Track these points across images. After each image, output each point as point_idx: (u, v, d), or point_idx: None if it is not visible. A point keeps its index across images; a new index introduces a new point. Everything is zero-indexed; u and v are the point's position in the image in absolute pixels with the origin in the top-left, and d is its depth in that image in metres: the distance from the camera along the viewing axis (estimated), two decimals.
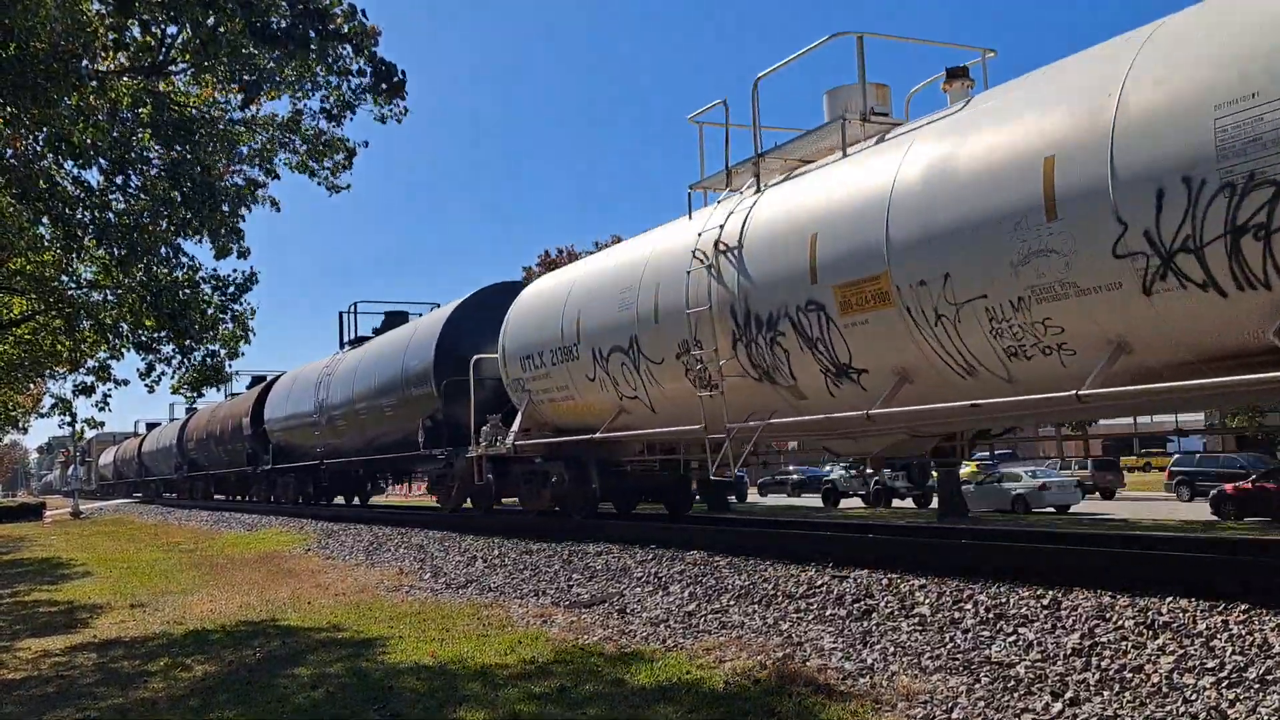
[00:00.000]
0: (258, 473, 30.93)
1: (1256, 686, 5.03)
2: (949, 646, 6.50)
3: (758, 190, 10.45)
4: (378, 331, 24.44)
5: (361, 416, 21.56)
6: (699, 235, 10.77)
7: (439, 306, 22.23)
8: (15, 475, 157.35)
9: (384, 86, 9.84)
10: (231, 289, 15.48)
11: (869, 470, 24.87)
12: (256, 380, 37.33)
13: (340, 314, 26.26)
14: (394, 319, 24.34)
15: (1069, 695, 5.36)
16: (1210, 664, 5.37)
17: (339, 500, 28.95)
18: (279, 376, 31.00)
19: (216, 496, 40.63)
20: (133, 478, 58.08)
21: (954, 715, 5.32)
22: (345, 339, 26.08)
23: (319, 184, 14.24)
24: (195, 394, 17.44)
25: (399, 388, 19.36)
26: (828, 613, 7.82)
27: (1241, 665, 5.26)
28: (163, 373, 16.13)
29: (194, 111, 13.06)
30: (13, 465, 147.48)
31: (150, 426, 57.53)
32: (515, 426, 14.88)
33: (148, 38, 11.04)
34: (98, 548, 22.18)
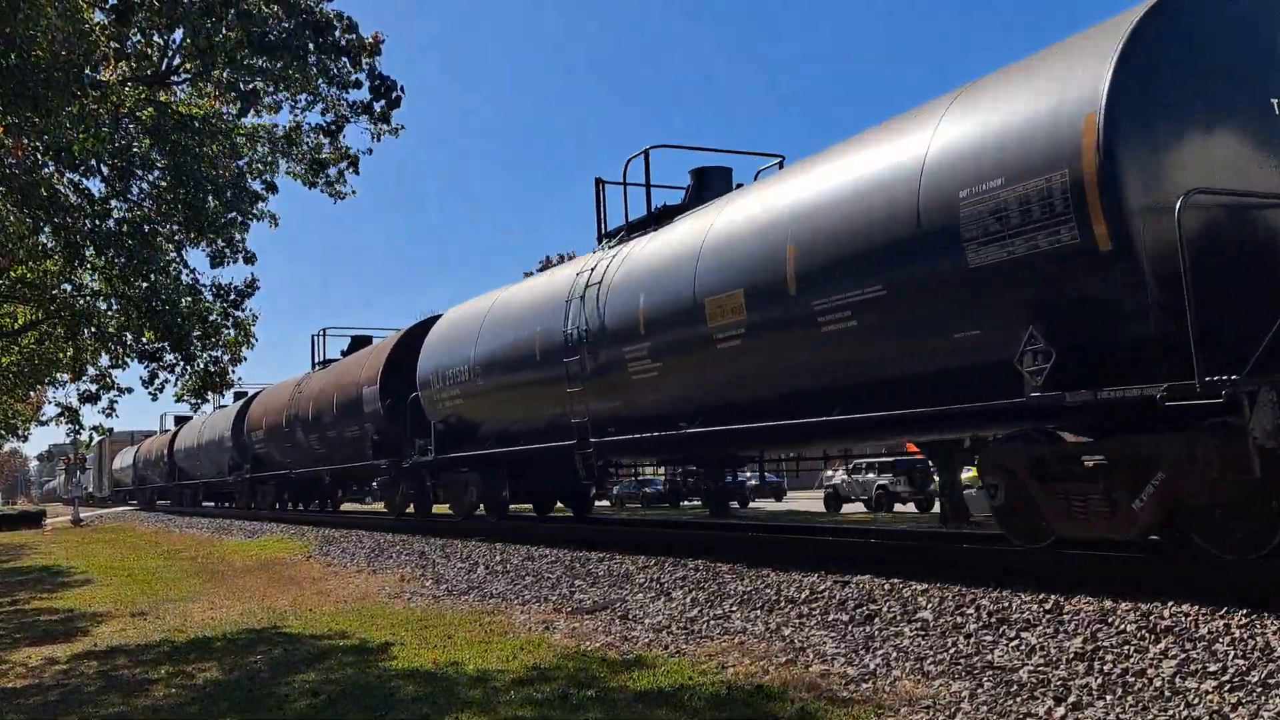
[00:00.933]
0: (405, 468, 19.40)
1: (1259, 690, 5.03)
2: (951, 651, 6.50)
3: None
4: (663, 212, 13.38)
5: (720, 344, 10.48)
6: None
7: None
8: (15, 483, 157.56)
9: (382, 102, 9.87)
10: (233, 296, 15.49)
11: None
12: (358, 342, 26.27)
13: (599, 184, 14.61)
14: (713, 178, 13.37)
15: (1072, 699, 5.35)
16: (1212, 668, 5.37)
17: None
18: (431, 320, 19.85)
19: (300, 506, 30.89)
20: (160, 482, 49.21)
21: None
22: (607, 229, 14.54)
23: (321, 192, 14.24)
24: (199, 401, 17.40)
25: (907, 256, 8.29)
26: (830, 618, 7.82)
27: (1244, 669, 5.26)
28: (165, 380, 16.15)
29: (195, 122, 13.10)
30: (13, 473, 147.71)
31: (181, 421, 47.20)
32: None
33: (148, 48, 11.09)
34: (98, 555, 22.15)
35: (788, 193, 10.23)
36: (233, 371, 16.75)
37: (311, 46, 9.17)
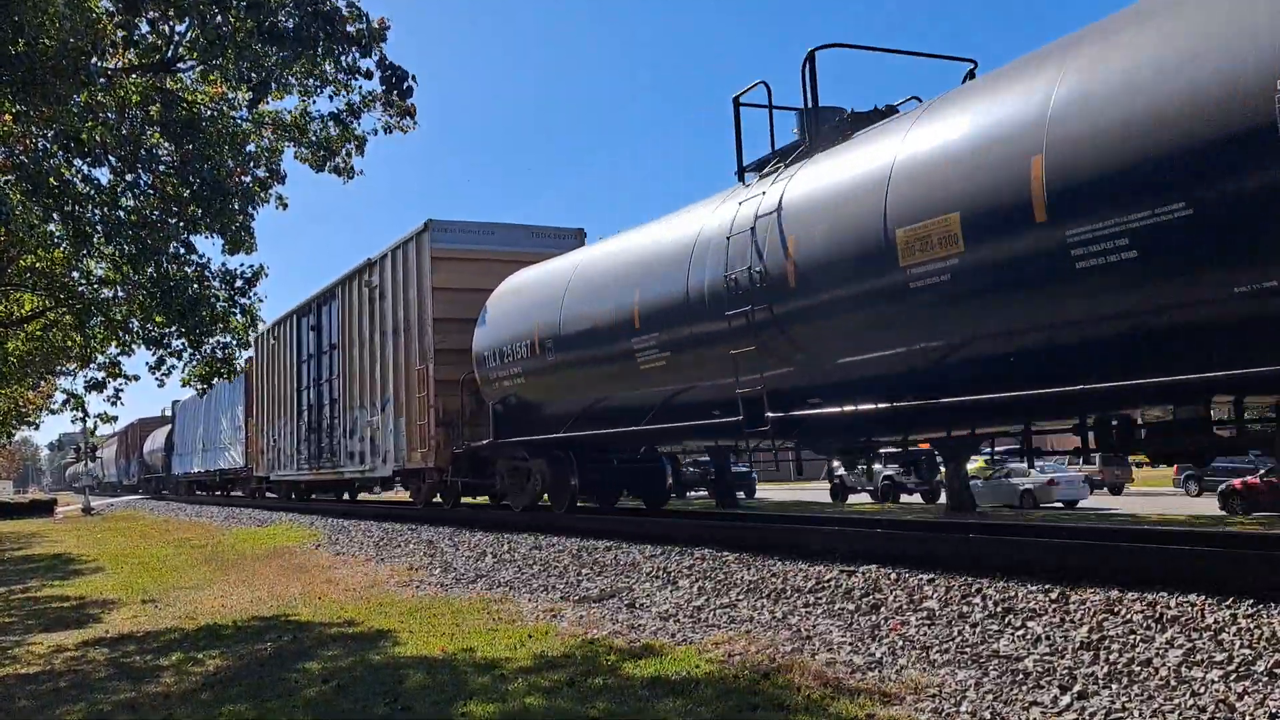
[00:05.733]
0: None
1: (1265, 679, 5.04)
2: (957, 640, 6.51)
3: None
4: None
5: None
6: None
7: None
8: (26, 472, 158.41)
9: (394, 93, 9.77)
10: (240, 283, 15.52)
11: None
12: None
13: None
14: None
15: (1077, 688, 5.37)
16: (1219, 657, 5.38)
17: None
18: None
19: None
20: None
21: (962, 708, 5.33)
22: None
23: (330, 173, 14.13)
24: (206, 386, 17.43)
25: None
26: (836, 607, 7.84)
27: (1250, 658, 5.27)
28: (172, 366, 16.21)
29: (202, 110, 13.09)
30: (23, 462, 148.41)
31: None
32: None
33: (155, 37, 11.08)
34: (108, 544, 22.28)
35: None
36: (239, 355, 16.84)
37: (321, 36, 9.13)
